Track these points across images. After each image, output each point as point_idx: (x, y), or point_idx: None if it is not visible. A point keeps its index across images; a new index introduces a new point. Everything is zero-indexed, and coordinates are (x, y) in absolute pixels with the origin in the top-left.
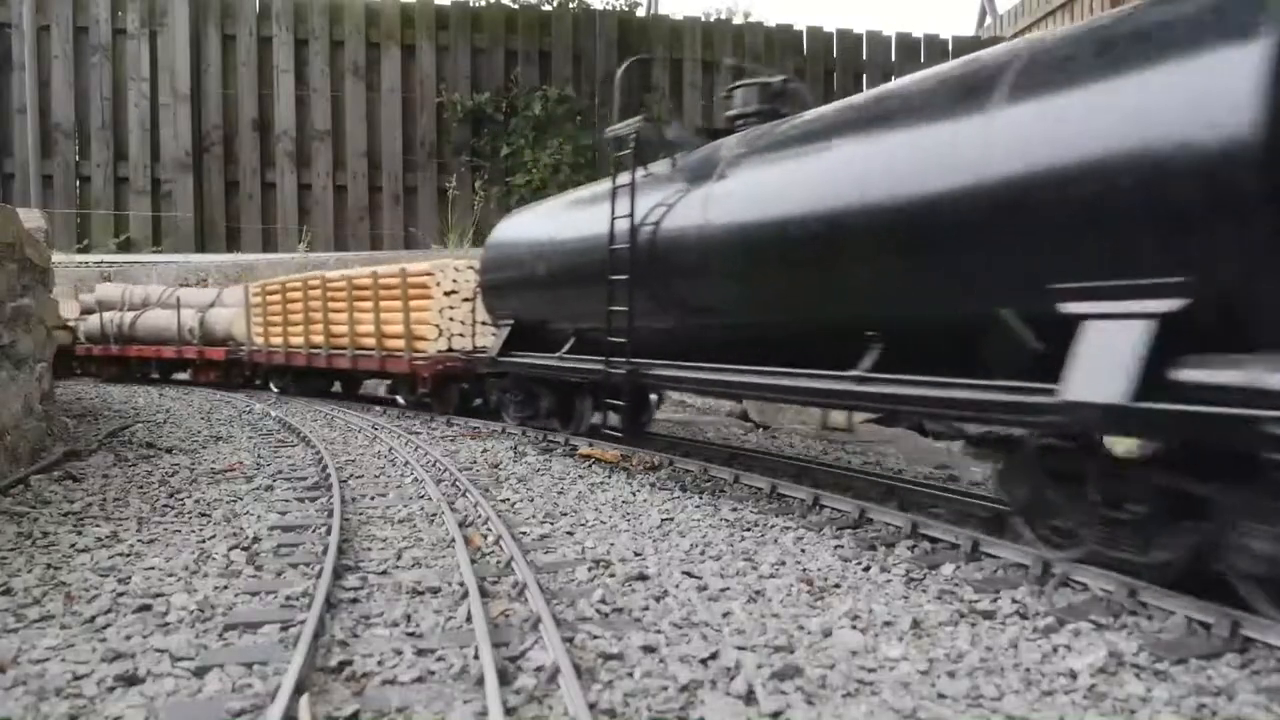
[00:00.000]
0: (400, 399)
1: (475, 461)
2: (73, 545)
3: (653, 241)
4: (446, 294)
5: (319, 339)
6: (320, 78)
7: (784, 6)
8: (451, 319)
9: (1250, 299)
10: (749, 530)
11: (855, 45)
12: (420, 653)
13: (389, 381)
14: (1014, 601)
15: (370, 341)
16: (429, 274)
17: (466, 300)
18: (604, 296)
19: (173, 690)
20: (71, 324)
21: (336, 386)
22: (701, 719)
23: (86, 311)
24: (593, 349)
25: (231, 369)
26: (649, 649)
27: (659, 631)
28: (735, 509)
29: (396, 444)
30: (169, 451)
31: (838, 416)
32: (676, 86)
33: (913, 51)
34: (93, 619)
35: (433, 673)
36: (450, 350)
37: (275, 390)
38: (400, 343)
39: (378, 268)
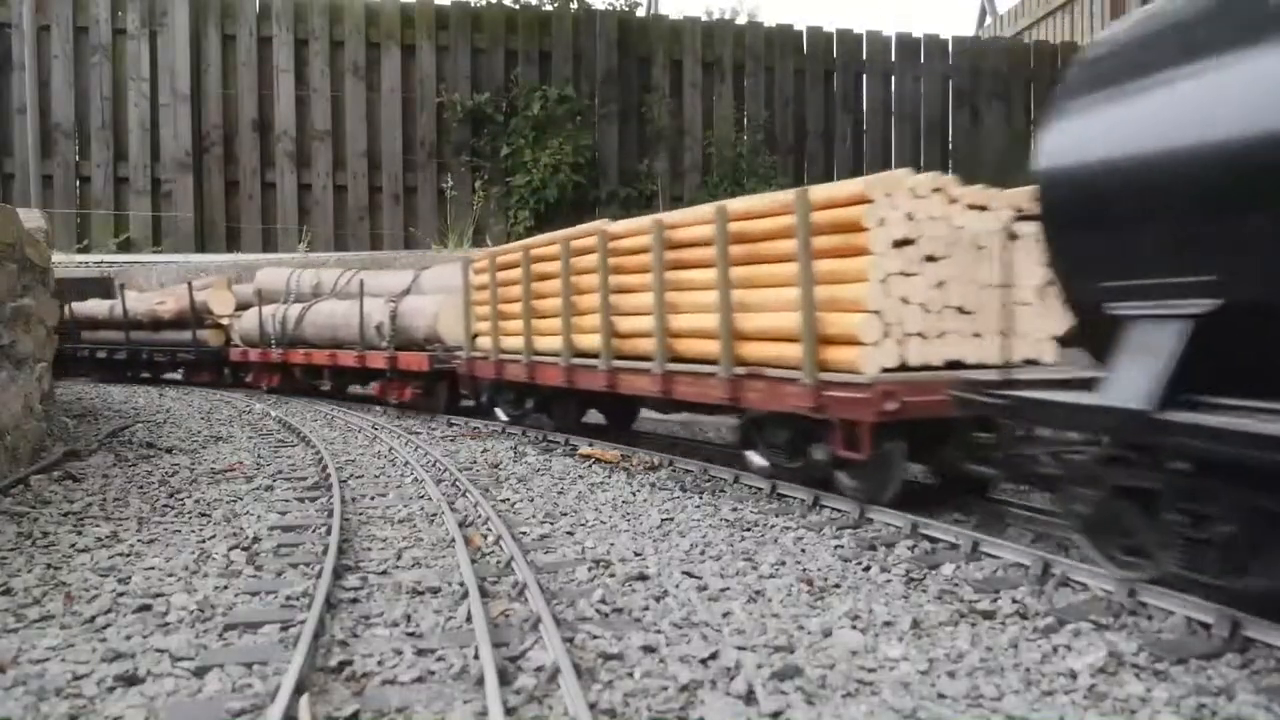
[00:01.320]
0: (758, 458)
1: (475, 461)
2: (73, 545)
3: None
4: (897, 245)
5: (591, 340)
6: (320, 78)
7: (784, 7)
8: (906, 300)
9: None
10: (749, 530)
11: (855, 45)
12: (420, 653)
13: (739, 420)
14: (1014, 601)
15: (705, 346)
16: (862, 199)
17: (931, 260)
18: None
19: (173, 690)
20: (225, 321)
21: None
22: (701, 719)
23: (242, 306)
24: None
25: (436, 385)
26: (649, 649)
27: (659, 631)
28: (735, 509)
29: (396, 444)
30: (169, 451)
31: None
32: (677, 86)
33: (913, 52)
34: (93, 619)
35: (433, 673)
36: (905, 368)
37: (504, 419)
38: (789, 349)
39: (728, 202)
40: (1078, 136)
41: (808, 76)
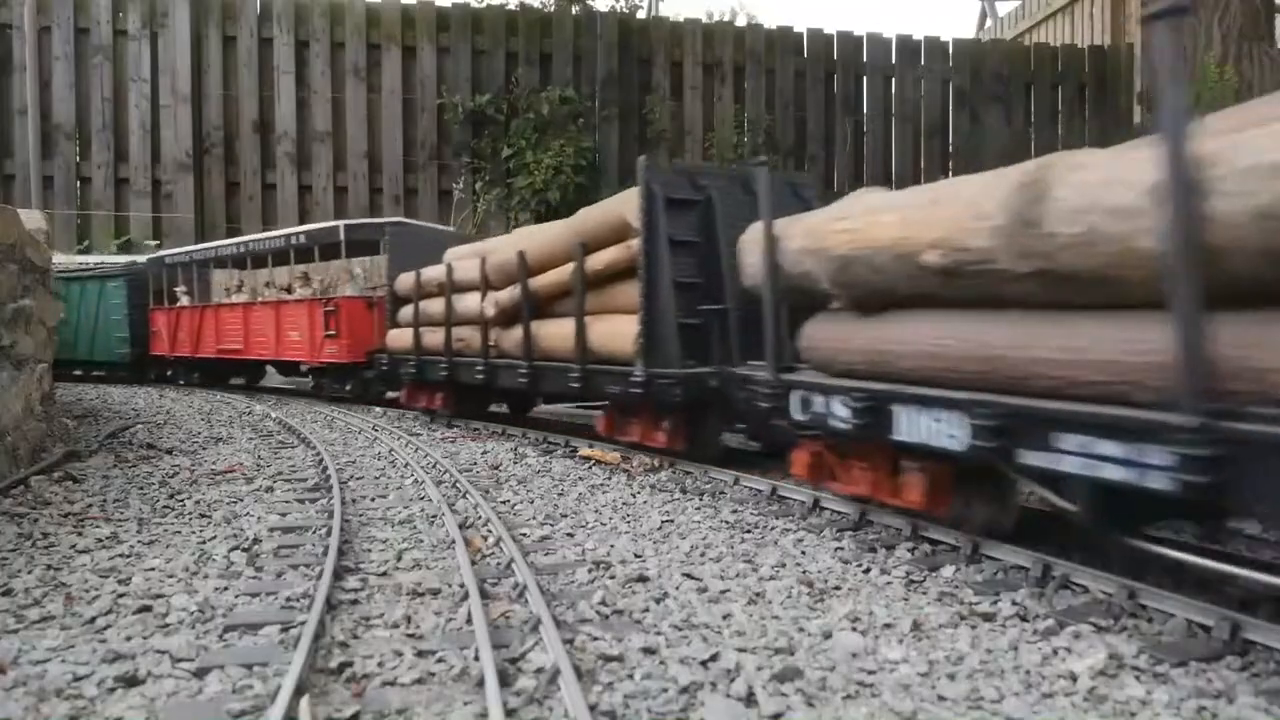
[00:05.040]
0: None
1: (475, 463)
2: (73, 546)
3: None
4: None
5: None
6: (321, 79)
7: (785, 9)
8: None
9: None
10: (749, 532)
11: (856, 47)
12: (421, 654)
13: None
14: (1014, 604)
15: None
16: None
17: None
18: None
19: (173, 691)
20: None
21: None
22: None
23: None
24: None
25: None
26: (649, 651)
27: (659, 633)
28: (735, 511)
29: (397, 445)
30: (169, 453)
31: None
32: (677, 88)
33: (913, 54)
34: (93, 620)
35: (433, 674)
36: None
37: None
38: None
39: None
40: None
41: (808, 78)
